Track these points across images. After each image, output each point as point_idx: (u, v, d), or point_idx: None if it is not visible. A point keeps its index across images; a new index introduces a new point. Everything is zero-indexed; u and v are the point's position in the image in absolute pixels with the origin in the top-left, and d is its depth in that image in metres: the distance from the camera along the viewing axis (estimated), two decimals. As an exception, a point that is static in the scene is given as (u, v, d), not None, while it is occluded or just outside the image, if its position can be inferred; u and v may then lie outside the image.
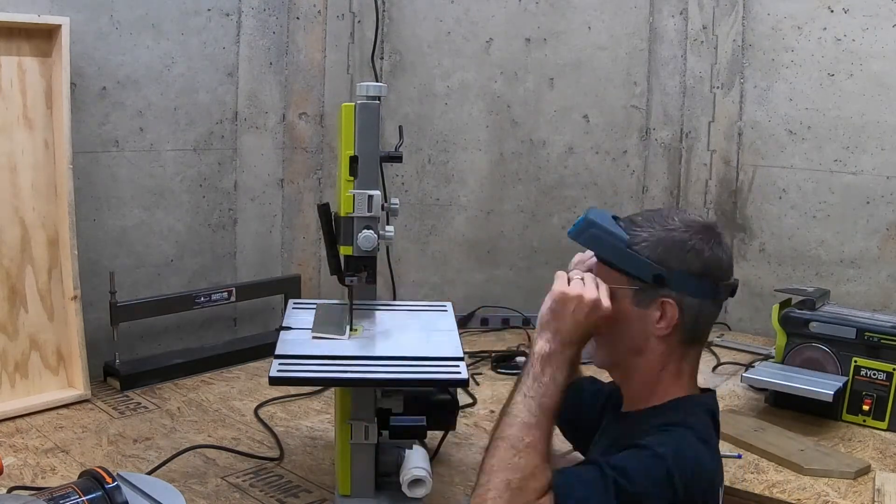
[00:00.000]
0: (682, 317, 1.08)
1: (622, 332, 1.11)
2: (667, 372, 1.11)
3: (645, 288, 1.08)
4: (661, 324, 1.08)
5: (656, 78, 2.42)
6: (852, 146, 2.15)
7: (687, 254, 1.08)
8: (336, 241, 1.35)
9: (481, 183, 2.47)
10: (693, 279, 1.08)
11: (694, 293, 1.08)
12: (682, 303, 1.07)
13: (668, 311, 1.07)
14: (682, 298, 1.07)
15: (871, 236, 2.15)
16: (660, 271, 1.08)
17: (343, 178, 1.32)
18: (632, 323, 1.10)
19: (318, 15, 2.34)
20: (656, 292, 1.08)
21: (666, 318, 1.08)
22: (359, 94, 1.35)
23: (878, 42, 2.07)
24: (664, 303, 1.08)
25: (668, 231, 1.10)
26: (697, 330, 1.10)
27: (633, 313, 1.10)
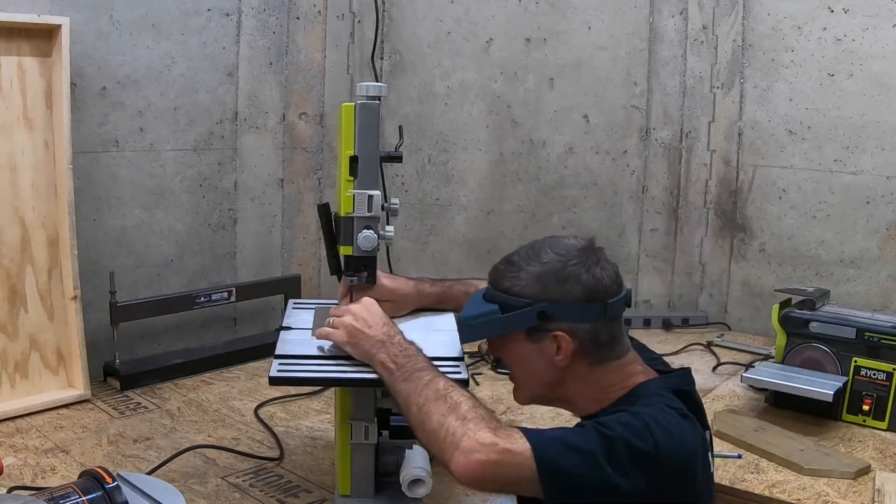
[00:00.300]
0: (579, 344, 1.09)
1: (531, 371, 1.14)
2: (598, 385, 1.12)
3: (534, 328, 1.10)
4: (559, 356, 1.10)
5: (656, 78, 2.42)
6: (852, 146, 2.15)
7: (565, 284, 1.10)
8: (336, 241, 1.34)
9: (481, 183, 2.47)
10: (577, 307, 1.09)
11: (582, 319, 1.09)
12: (573, 332, 1.09)
13: (562, 343, 1.09)
14: (573, 327, 1.09)
15: (871, 236, 2.15)
16: (542, 307, 1.09)
17: (343, 178, 1.32)
18: (535, 360, 1.13)
19: (318, 15, 2.34)
20: (546, 326, 1.10)
21: (562, 350, 1.10)
22: (359, 94, 1.34)
23: (878, 42, 2.07)
24: (556, 336, 1.09)
25: (542, 265, 1.12)
26: (601, 346, 1.11)
27: (531, 350, 1.12)
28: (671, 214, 2.51)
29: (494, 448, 0.98)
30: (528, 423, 1.71)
